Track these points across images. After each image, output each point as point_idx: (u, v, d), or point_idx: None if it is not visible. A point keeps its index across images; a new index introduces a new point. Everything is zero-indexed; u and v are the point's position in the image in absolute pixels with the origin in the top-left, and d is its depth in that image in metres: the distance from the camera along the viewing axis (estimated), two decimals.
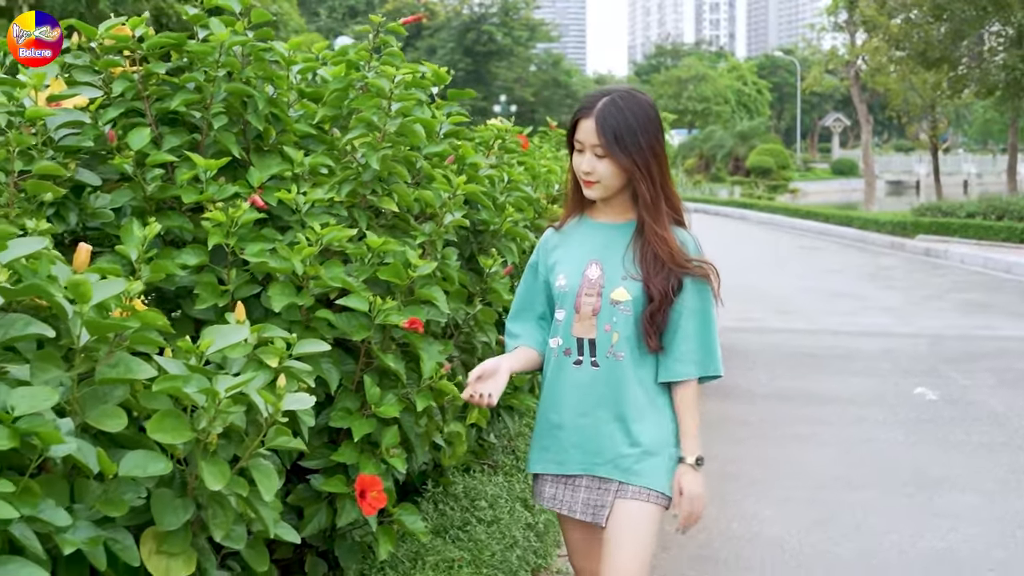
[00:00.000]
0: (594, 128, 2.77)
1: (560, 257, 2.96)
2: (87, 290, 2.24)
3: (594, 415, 2.84)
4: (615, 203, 2.92)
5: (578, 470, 2.88)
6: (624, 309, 2.82)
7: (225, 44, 3.33)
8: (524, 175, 4.55)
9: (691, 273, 2.83)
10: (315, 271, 3.04)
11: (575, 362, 2.86)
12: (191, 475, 2.42)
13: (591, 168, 2.80)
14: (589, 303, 2.85)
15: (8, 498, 1.94)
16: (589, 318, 2.84)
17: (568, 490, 2.91)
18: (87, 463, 2.18)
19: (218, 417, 2.36)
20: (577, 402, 2.86)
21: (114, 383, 2.34)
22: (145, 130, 3.20)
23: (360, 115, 3.46)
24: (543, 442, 2.96)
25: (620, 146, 2.75)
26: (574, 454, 2.88)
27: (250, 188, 3.29)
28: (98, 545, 2.17)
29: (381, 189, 3.47)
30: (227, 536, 2.42)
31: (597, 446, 2.85)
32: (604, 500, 2.85)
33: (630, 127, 2.76)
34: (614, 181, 2.82)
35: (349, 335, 3.07)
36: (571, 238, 2.98)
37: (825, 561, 4.95)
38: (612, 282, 2.84)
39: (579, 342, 2.86)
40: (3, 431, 1.96)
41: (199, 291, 3.01)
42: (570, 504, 2.90)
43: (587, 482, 2.88)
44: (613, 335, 2.82)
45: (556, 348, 2.91)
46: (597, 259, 2.88)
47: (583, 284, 2.86)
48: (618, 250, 2.88)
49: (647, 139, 2.78)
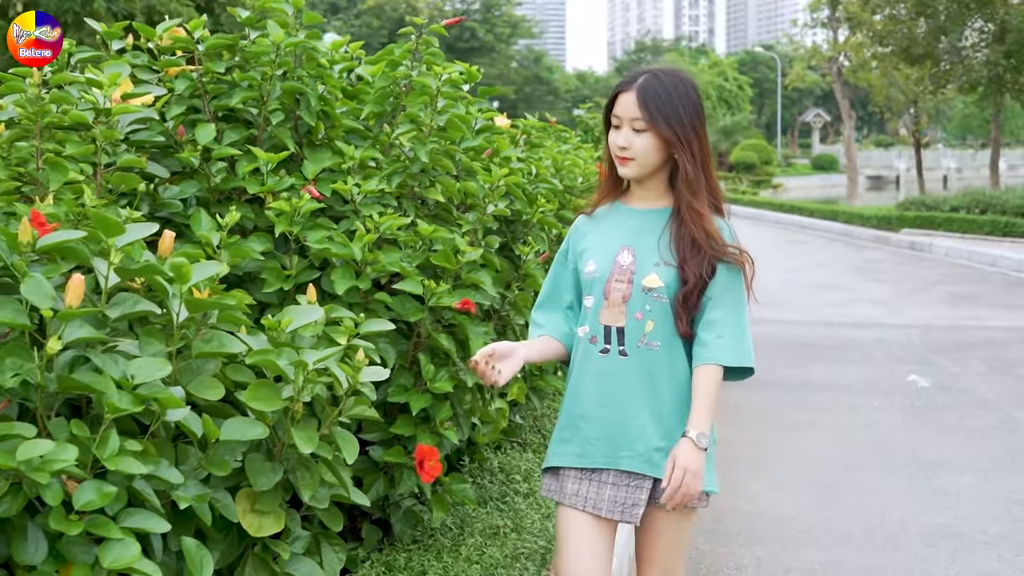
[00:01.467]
0: (634, 100, 2.66)
1: (591, 243, 2.84)
2: (187, 272, 2.46)
3: (619, 406, 2.70)
4: (650, 186, 2.79)
5: (602, 463, 2.72)
6: (658, 296, 2.69)
7: (281, 45, 3.52)
8: (549, 168, 4.77)
9: (726, 259, 2.70)
10: (373, 257, 3.26)
11: (601, 351, 2.73)
12: (279, 441, 2.63)
13: (627, 143, 2.68)
14: (619, 290, 2.72)
15: (136, 456, 2.15)
16: (619, 305, 2.71)
17: (593, 486, 2.73)
18: (192, 428, 2.39)
19: (306, 387, 2.58)
20: (601, 392, 2.73)
21: (208, 357, 2.55)
22: (210, 126, 3.41)
23: (408, 111, 3.67)
24: (564, 434, 2.80)
25: (662, 117, 2.64)
26: (597, 446, 2.72)
27: (304, 180, 3.50)
28: (205, 502, 2.40)
29: (428, 180, 3.69)
30: (313, 497, 2.64)
31: (624, 439, 2.70)
32: (637, 498, 2.70)
33: (671, 100, 2.66)
34: (651, 158, 2.69)
35: (405, 316, 3.29)
36: (603, 224, 2.86)
37: (833, 536, 5.19)
38: (644, 268, 2.71)
39: (606, 330, 2.73)
40: (127, 396, 2.17)
41: (266, 275, 3.23)
42: (595, 501, 2.72)
43: (613, 478, 2.72)
44: (647, 323, 2.69)
45: (584, 336, 2.78)
46: (629, 245, 2.76)
47: (613, 270, 2.74)
48: (652, 235, 2.75)
49: (688, 115, 2.68)
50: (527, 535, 3.77)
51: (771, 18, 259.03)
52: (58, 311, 2.14)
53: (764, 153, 49.74)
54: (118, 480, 2.16)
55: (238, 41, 3.73)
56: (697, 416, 2.66)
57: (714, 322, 2.70)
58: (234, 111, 3.67)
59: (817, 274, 16.83)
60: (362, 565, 3.27)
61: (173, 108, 3.51)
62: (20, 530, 2.07)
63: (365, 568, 3.25)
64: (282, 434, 2.61)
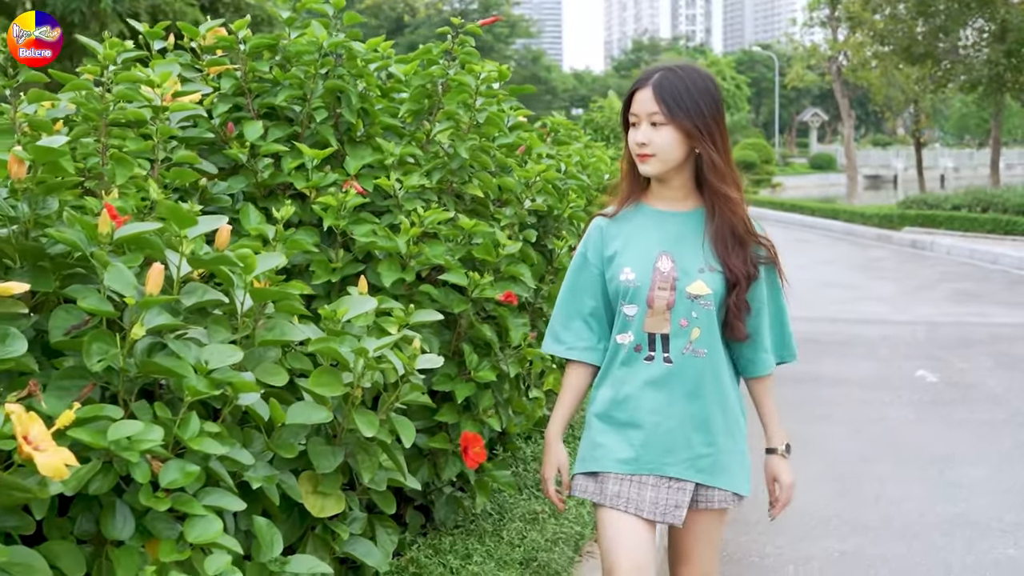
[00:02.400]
0: (651, 95, 2.63)
1: (621, 248, 2.77)
2: (253, 262, 2.56)
3: (666, 413, 2.69)
4: (674, 185, 2.75)
5: (647, 470, 2.71)
6: (705, 303, 2.67)
7: (324, 44, 3.62)
8: (577, 165, 4.88)
9: (760, 248, 2.74)
10: (418, 250, 3.36)
11: (647, 358, 2.71)
12: (339, 426, 2.73)
13: (647, 139, 2.64)
14: (663, 297, 2.68)
15: (215, 437, 2.26)
16: (663, 313, 2.68)
17: (634, 487, 2.71)
18: (259, 412, 2.49)
19: (366, 373, 2.68)
20: (650, 399, 2.70)
21: (271, 344, 2.65)
22: (258, 123, 3.51)
23: (446, 109, 3.77)
24: (604, 439, 2.77)
25: (680, 109, 2.61)
26: (644, 453, 2.71)
27: (346, 175, 3.60)
28: (273, 483, 2.50)
29: (466, 176, 3.79)
30: (372, 479, 2.74)
31: (670, 445, 2.69)
32: (679, 500, 2.70)
33: (689, 93, 2.63)
34: (672, 152, 2.65)
35: (449, 308, 3.39)
36: (631, 227, 2.79)
37: (850, 525, 5.29)
38: (688, 275, 2.68)
39: (651, 337, 2.70)
40: (203, 380, 2.27)
41: (315, 268, 3.32)
42: (637, 503, 2.70)
43: (654, 481, 2.71)
44: (693, 331, 2.67)
45: (626, 344, 2.74)
46: (667, 251, 2.71)
47: (655, 278, 2.69)
48: (692, 240, 2.72)
49: (708, 107, 2.65)
50: (564, 520, 3.88)
51: (768, 18, 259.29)
52: (139, 299, 2.24)
53: (764, 152, 49.92)
54: (195, 460, 2.25)
55: (279, 40, 3.83)
56: (776, 430, 2.88)
57: (763, 326, 2.79)
58: (275, 109, 3.77)
59: (821, 272, 16.93)
60: (410, 548, 3.38)
61: (219, 106, 3.60)
62: (109, 507, 2.17)
63: (413, 551, 3.36)
64: (342, 419, 2.71)
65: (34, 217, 2.41)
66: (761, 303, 2.77)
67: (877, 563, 4.80)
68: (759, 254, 2.76)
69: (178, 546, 2.15)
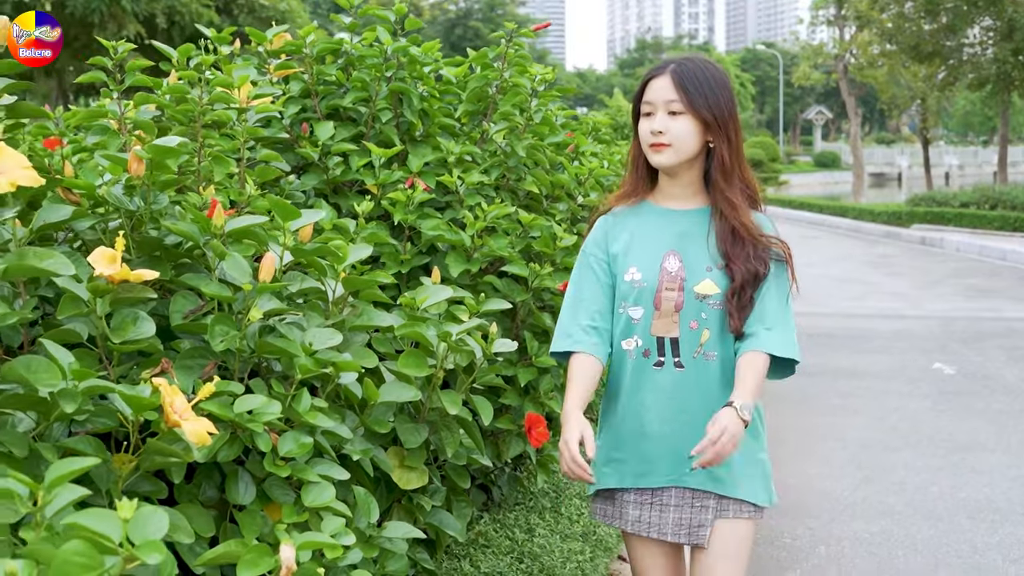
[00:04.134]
0: (670, 83, 2.55)
1: (626, 247, 2.68)
2: (346, 253, 2.77)
3: (680, 420, 2.58)
4: (683, 180, 2.66)
5: (665, 482, 2.62)
6: (714, 304, 2.57)
7: (389, 50, 3.83)
8: (619, 163, 5.09)
9: (770, 249, 2.61)
10: (482, 242, 3.56)
11: (656, 364, 2.60)
12: (422, 406, 2.94)
13: (664, 127, 2.54)
14: (670, 298, 2.58)
15: (324, 412, 2.46)
16: (671, 315, 2.58)
17: (656, 510, 2.63)
18: (354, 391, 2.70)
19: (450, 356, 2.89)
20: (662, 407, 2.60)
21: (360, 329, 2.86)
22: (328, 124, 3.72)
23: (503, 110, 3.98)
24: (618, 454, 2.68)
25: (700, 97, 2.53)
26: (660, 465, 2.61)
27: (409, 173, 3.81)
28: (369, 456, 2.70)
29: (521, 173, 4.00)
30: (454, 455, 2.94)
31: (687, 455, 2.49)
32: (702, 518, 2.60)
33: (709, 82, 2.55)
34: (688, 143, 2.56)
35: (512, 297, 3.59)
36: (637, 225, 2.70)
37: (877, 509, 5.50)
38: (696, 274, 2.59)
39: (659, 341, 2.60)
40: (311, 360, 2.48)
41: (385, 259, 3.53)
42: (659, 526, 2.63)
43: (676, 498, 2.62)
44: (703, 333, 2.58)
45: (634, 349, 2.64)
46: (674, 249, 2.62)
47: (662, 278, 2.60)
48: (698, 239, 2.63)
49: (725, 99, 2.58)
50: None
51: (771, 16, 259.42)
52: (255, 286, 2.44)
53: (771, 150, 50.24)
54: (304, 433, 2.46)
55: (341, 45, 4.04)
56: (742, 390, 2.48)
57: (763, 315, 2.57)
58: (338, 110, 3.98)
59: (833, 268, 17.13)
60: (478, 522, 3.59)
61: (290, 107, 3.81)
62: (232, 475, 2.38)
63: (481, 524, 3.57)
64: (425, 398, 2.92)
65: (147, 211, 2.61)
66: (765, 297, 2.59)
67: (905, 544, 5.00)
68: (772, 252, 2.61)
69: (295, 509, 2.36)
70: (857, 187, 36.43)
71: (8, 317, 1.98)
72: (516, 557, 3.42)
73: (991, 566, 4.71)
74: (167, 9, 20.97)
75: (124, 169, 2.61)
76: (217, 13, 22.16)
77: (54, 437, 2.14)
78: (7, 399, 2.00)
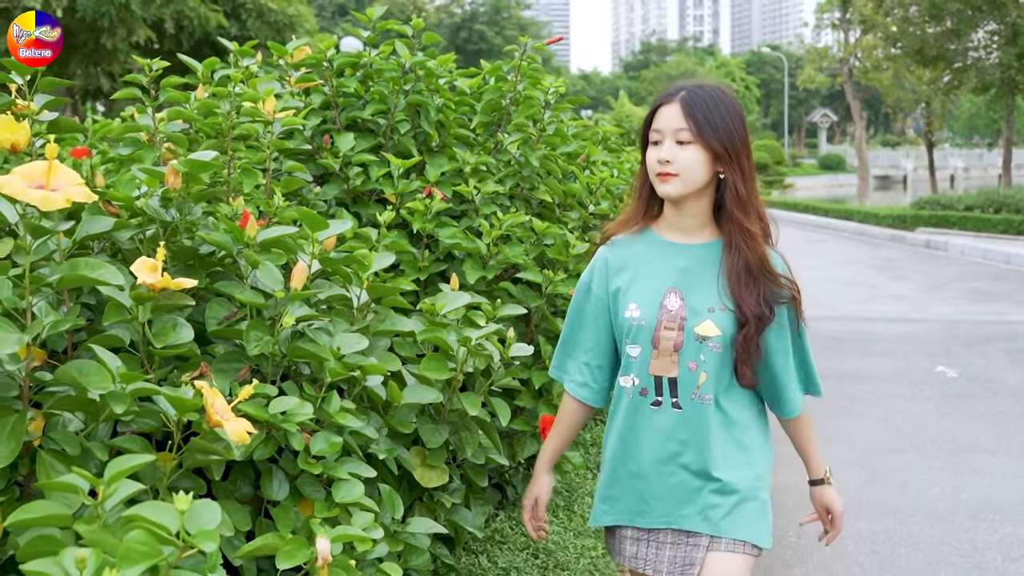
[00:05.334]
0: (679, 111, 2.46)
1: (627, 282, 2.60)
2: (371, 262, 2.90)
3: (677, 462, 2.53)
4: (690, 213, 2.56)
5: (661, 523, 2.56)
6: (714, 346, 2.49)
7: (407, 64, 3.97)
8: (628, 172, 5.23)
9: (779, 289, 2.54)
10: (498, 250, 3.70)
11: (653, 403, 2.53)
12: (443, 407, 3.07)
13: (671, 156, 2.45)
14: (669, 338, 2.50)
15: (352, 413, 2.60)
16: (669, 355, 2.50)
17: (652, 547, 2.59)
18: (378, 393, 2.83)
19: (470, 359, 3.02)
20: (658, 448, 2.54)
21: (383, 334, 2.99)
22: (349, 135, 3.86)
23: (517, 121, 4.11)
24: (614, 491, 2.64)
25: (710, 127, 2.44)
26: (656, 506, 2.56)
27: (426, 182, 3.95)
28: (393, 455, 2.83)
29: (534, 183, 4.13)
30: (474, 454, 3.08)
31: (682, 496, 2.53)
32: (694, 557, 2.54)
33: (719, 111, 2.47)
34: (696, 173, 2.46)
35: (526, 303, 3.73)
36: (639, 259, 2.61)
37: (881, 509, 5.62)
38: (697, 315, 2.50)
39: (657, 381, 2.52)
40: (339, 364, 2.61)
41: (404, 267, 3.67)
42: (655, 563, 2.57)
43: (672, 537, 2.57)
44: (700, 375, 2.49)
45: (631, 388, 2.57)
46: (676, 286, 2.53)
47: (661, 317, 2.51)
48: (703, 276, 2.54)
49: (737, 128, 2.49)
50: None
51: (776, 18, 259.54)
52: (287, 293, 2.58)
53: (776, 153, 50.41)
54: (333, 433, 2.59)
55: (360, 59, 4.18)
56: (815, 463, 2.79)
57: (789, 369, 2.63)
58: (357, 121, 4.12)
59: (838, 272, 17.25)
60: (493, 519, 3.72)
61: (311, 119, 3.95)
62: (267, 472, 2.51)
63: (497, 522, 3.71)
64: (445, 400, 3.05)
65: (183, 222, 2.74)
66: (779, 348, 2.57)
67: (908, 542, 5.13)
68: (779, 293, 2.54)
69: (327, 505, 2.50)
70: (862, 190, 36.54)
71: (61, 324, 2.11)
72: (531, 553, 3.56)
73: (991, 564, 4.84)
74: (175, 14, 21.10)
75: (159, 181, 2.75)
76: (225, 18, 22.29)
77: (99, 437, 2.28)
78: (59, 401, 2.13)
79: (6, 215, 2.16)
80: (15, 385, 2.12)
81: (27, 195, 2.04)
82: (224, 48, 4.08)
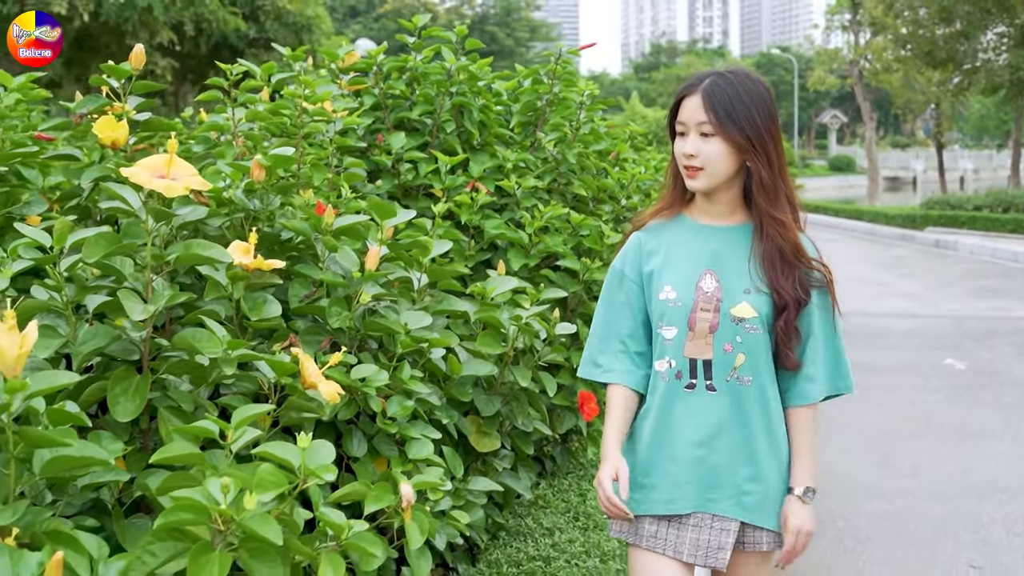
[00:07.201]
0: (700, 103, 2.43)
1: (661, 264, 2.56)
2: (431, 247, 3.22)
3: (710, 446, 2.48)
4: (721, 200, 2.55)
5: (689, 508, 2.49)
6: (751, 328, 2.46)
7: (452, 68, 4.28)
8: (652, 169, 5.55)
9: (813, 272, 2.52)
10: (539, 240, 4.01)
11: (687, 386, 2.49)
12: (495, 380, 3.39)
13: (696, 150, 2.44)
14: (705, 319, 2.46)
15: (416, 380, 2.91)
16: (705, 336, 2.47)
17: (673, 528, 2.51)
18: (439, 366, 3.14)
19: (521, 335, 3.33)
20: (692, 431, 2.49)
21: (441, 313, 3.30)
22: (400, 134, 4.17)
23: (554, 121, 4.42)
24: (646, 479, 2.54)
25: (732, 120, 2.41)
26: (687, 490, 2.49)
27: (470, 178, 4.26)
28: (453, 421, 3.14)
29: (570, 178, 4.45)
30: (523, 423, 3.39)
31: (714, 481, 2.48)
32: (723, 541, 2.48)
33: (742, 101, 2.42)
34: (722, 166, 2.45)
35: (565, 288, 4.04)
36: (672, 242, 2.58)
37: (892, 490, 5.93)
38: (732, 296, 2.47)
39: (692, 363, 2.49)
40: (408, 338, 2.92)
41: (453, 255, 3.98)
42: (675, 545, 2.50)
43: (696, 520, 2.50)
44: (737, 356, 2.46)
45: (666, 371, 2.52)
46: (711, 268, 2.50)
47: (697, 298, 2.48)
48: (737, 258, 2.52)
49: (762, 118, 2.44)
50: None
51: (785, 20, 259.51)
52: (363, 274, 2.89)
53: (788, 155, 50.35)
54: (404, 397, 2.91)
55: (407, 63, 4.49)
56: (802, 471, 2.53)
57: (812, 353, 2.53)
58: (404, 121, 4.43)
59: (849, 269, 17.49)
60: (536, 487, 4.04)
61: (364, 119, 4.26)
62: (347, 432, 2.83)
63: (540, 489, 4.02)
64: (498, 374, 3.36)
65: (264, 211, 3.06)
66: (811, 329, 2.53)
67: (918, 519, 5.43)
68: (813, 277, 2.52)
69: (400, 461, 2.81)
70: (872, 191, 36.78)
71: (176, 297, 2.42)
72: (572, 516, 3.87)
73: (996, 539, 5.14)
74: (195, 17, 21.43)
75: (242, 175, 3.06)
76: (244, 20, 22.63)
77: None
78: (173, 365, 2.45)
79: (130, 201, 2.46)
80: (136, 350, 2.43)
81: (152, 183, 2.35)
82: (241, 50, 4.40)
